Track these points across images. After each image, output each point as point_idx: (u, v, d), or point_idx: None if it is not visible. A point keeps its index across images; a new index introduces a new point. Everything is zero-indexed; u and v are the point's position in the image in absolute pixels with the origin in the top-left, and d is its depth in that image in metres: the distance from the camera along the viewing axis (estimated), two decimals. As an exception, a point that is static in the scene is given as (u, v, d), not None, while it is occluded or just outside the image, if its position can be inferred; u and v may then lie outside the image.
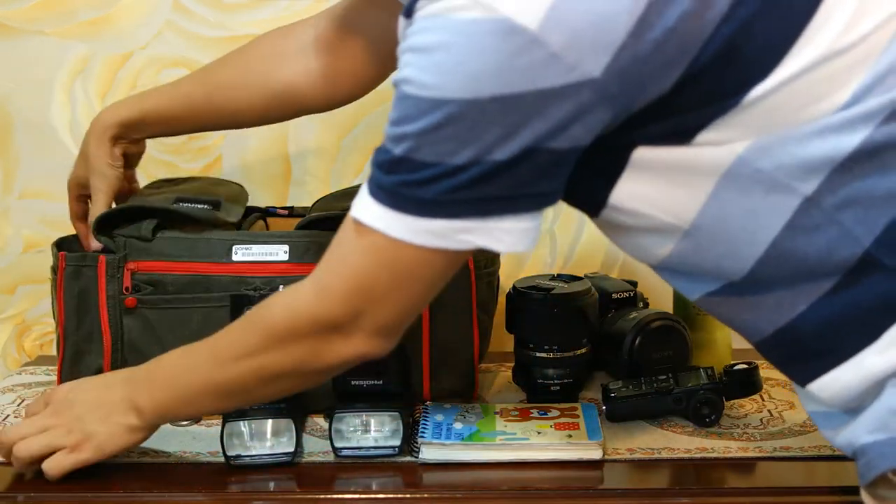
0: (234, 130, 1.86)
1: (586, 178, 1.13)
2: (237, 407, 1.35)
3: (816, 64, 1.07)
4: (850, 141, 1.07)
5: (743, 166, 1.09)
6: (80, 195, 1.61)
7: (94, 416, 1.34)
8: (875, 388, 1.12)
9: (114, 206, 1.60)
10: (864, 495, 1.17)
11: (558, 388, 1.56)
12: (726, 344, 1.67)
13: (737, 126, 1.08)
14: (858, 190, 1.08)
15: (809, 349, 1.16)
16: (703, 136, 1.09)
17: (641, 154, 1.11)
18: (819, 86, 1.07)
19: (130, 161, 1.62)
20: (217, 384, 1.28)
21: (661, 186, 1.12)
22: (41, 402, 1.39)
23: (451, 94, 1.04)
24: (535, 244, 1.13)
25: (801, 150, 1.08)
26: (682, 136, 1.09)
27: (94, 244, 1.55)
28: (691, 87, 1.06)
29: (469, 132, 1.05)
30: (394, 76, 1.10)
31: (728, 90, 1.07)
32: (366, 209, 1.12)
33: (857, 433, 1.14)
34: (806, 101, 1.07)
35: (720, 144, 1.09)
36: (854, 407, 1.15)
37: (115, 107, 1.60)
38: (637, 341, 1.57)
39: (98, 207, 1.56)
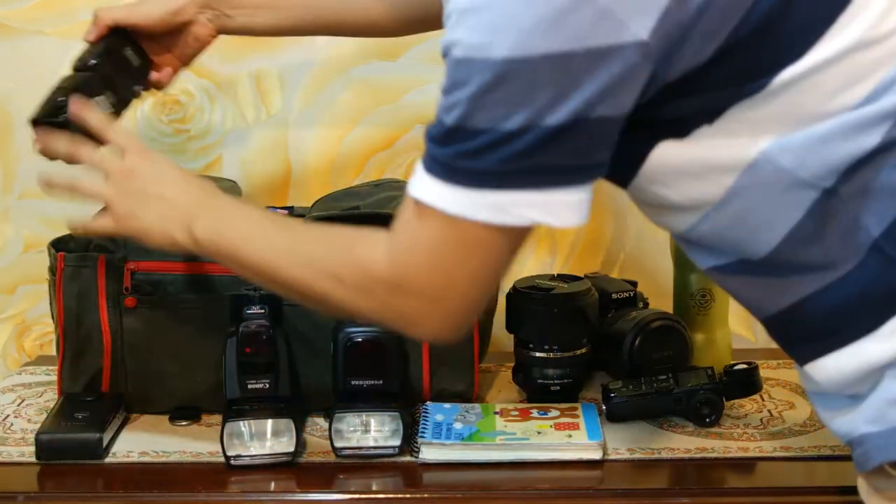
0: (234, 130, 1.86)
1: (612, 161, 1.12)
2: (282, 294, 1.30)
3: (847, 52, 1.06)
4: (870, 140, 1.07)
5: (766, 163, 1.09)
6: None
7: (153, 203, 1.27)
8: (873, 377, 1.12)
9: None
10: (860, 482, 1.17)
11: (558, 388, 1.55)
12: (726, 344, 1.67)
13: (761, 111, 1.08)
14: (872, 181, 1.08)
15: (812, 331, 1.16)
16: (728, 118, 1.08)
17: (663, 149, 1.11)
18: (845, 76, 1.07)
19: (186, 47, 1.51)
20: (279, 273, 1.20)
21: (681, 179, 1.13)
22: (121, 142, 1.33)
23: (501, 52, 1.03)
24: (587, 219, 1.11)
25: (824, 149, 1.08)
26: (709, 115, 1.08)
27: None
28: (726, 61, 1.06)
29: (521, 94, 1.03)
30: (442, 41, 1.08)
31: (761, 68, 1.06)
32: (423, 186, 1.10)
33: (856, 422, 1.15)
34: (831, 91, 1.07)
35: (744, 135, 1.08)
36: (852, 393, 1.15)
37: None
38: (637, 341, 1.57)
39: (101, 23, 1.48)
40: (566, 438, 1.42)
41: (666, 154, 1.11)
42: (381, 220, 1.55)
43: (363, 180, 1.82)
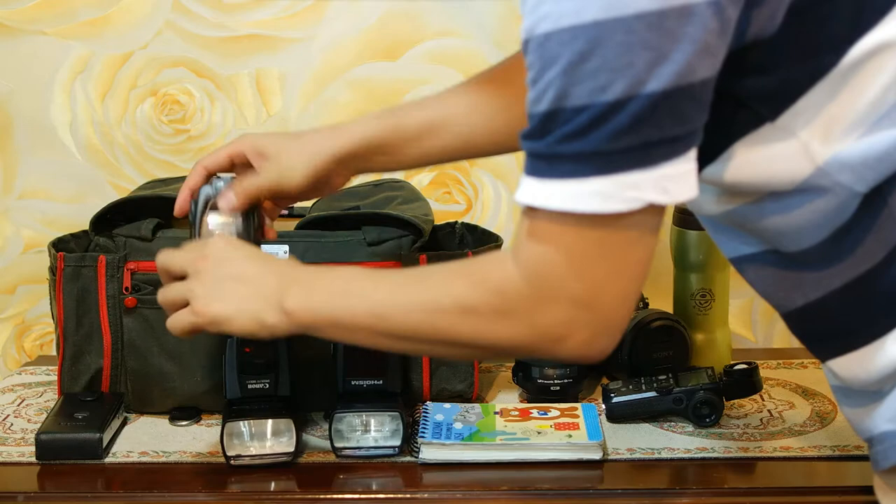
0: (234, 130, 1.86)
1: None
2: (396, 350, 1.20)
3: None
4: None
5: (823, 177, 1.07)
6: (210, 177, 1.39)
7: (236, 291, 1.20)
8: (893, 377, 1.12)
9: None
10: (876, 480, 1.17)
11: (558, 388, 1.55)
12: (726, 344, 1.67)
13: (825, 105, 1.05)
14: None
15: (835, 327, 1.15)
16: (791, 115, 1.05)
17: (731, 153, 1.07)
18: None
19: (317, 192, 1.41)
20: (395, 325, 1.12)
21: (737, 179, 1.10)
22: (199, 246, 1.27)
23: (591, 15, 0.96)
24: (698, 190, 1.03)
25: (880, 164, 1.06)
26: (776, 103, 1.05)
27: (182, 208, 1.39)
28: (796, 29, 1.02)
29: (617, 58, 0.97)
30: (522, 30, 1.01)
31: (830, 40, 1.03)
32: (528, 191, 1.02)
33: (876, 420, 1.14)
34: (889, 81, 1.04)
35: (801, 140, 1.06)
36: (874, 389, 1.15)
37: (357, 125, 1.39)
38: (637, 341, 1.57)
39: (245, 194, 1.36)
40: (566, 438, 1.42)
41: (729, 159, 1.08)
42: (382, 219, 1.56)
43: (363, 180, 1.82)
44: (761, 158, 1.08)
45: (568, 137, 0.99)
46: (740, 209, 1.14)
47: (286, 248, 1.55)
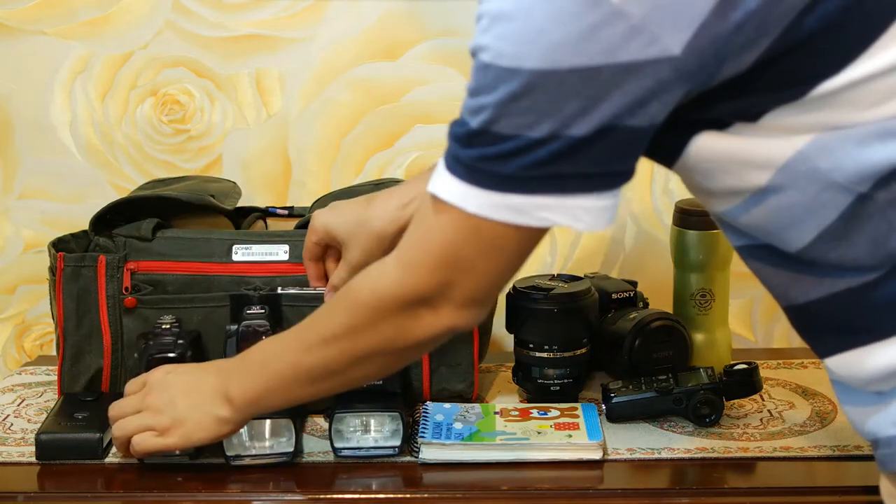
0: (234, 130, 1.86)
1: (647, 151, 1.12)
2: (330, 392, 1.31)
3: (886, 71, 1.05)
4: None
5: (802, 162, 1.08)
6: (324, 243, 1.43)
7: (185, 402, 1.34)
8: (894, 378, 1.12)
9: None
10: (883, 483, 1.17)
11: (558, 388, 1.55)
12: (726, 344, 1.67)
13: (802, 114, 1.07)
14: None
15: (836, 325, 1.15)
16: (768, 119, 1.07)
17: (702, 142, 1.10)
18: (884, 91, 1.06)
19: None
20: (306, 369, 1.25)
21: (717, 171, 1.12)
22: (140, 381, 1.39)
23: (529, 63, 1.02)
24: (612, 222, 1.11)
25: (861, 153, 1.07)
26: (749, 117, 1.08)
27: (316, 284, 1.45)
28: (765, 71, 1.05)
29: (548, 104, 1.03)
30: (471, 43, 1.08)
31: (800, 79, 1.06)
32: (443, 184, 1.10)
33: (882, 423, 1.14)
34: (869, 104, 1.06)
35: (781, 134, 1.08)
36: (876, 389, 1.14)
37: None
38: (637, 341, 1.57)
39: (339, 276, 1.41)
40: (566, 438, 1.42)
41: (704, 146, 1.11)
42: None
43: (363, 180, 1.82)
44: (740, 146, 1.10)
45: (489, 159, 1.07)
46: (726, 213, 1.16)
47: (286, 247, 1.55)
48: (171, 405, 1.34)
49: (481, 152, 1.07)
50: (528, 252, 1.14)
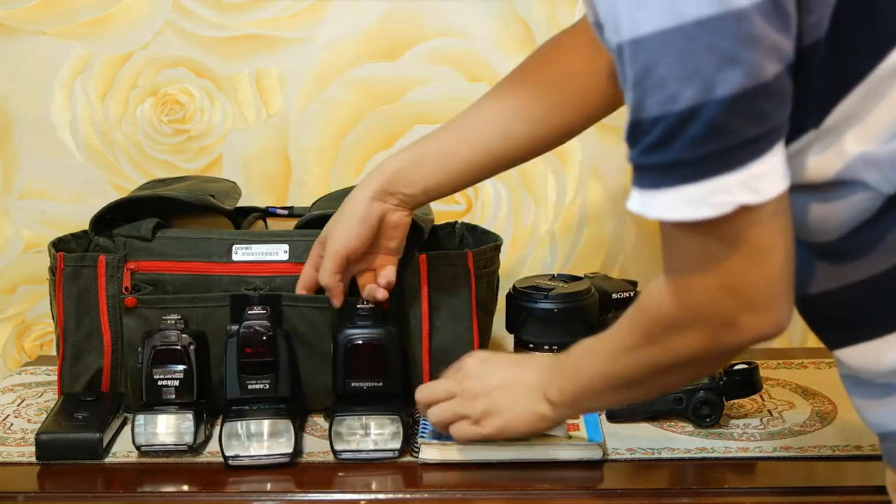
0: (234, 130, 1.86)
1: None
2: (647, 397, 1.36)
3: None
4: None
5: (850, 174, 1.07)
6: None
7: (505, 394, 1.35)
8: None
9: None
10: (889, 473, 1.17)
11: (558, 388, 1.55)
12: (726, 344, 1.66)
13: (861, 109, 1.05)
14: None
15: (848, 317, 1.15)
16: (832, 116, 1.05)
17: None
18: None
19: (387, 231, 1.48)
20: (613, 377, 1.24)
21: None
22: (454, 367, 1.41)
23: (651, 27, 0.98)
24: (789, 180, 1.04)
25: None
26: (819, 110, 1.06)
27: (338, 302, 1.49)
28: (840, 34, 1.03)
29: (682, 66, 0.98)
30: (609, 40, 1.04)
31: (872, 40, 1.04)
32: (632, 199, 1.06)
33: (891, 417, 1.14)
34: None
35: (834, 143, 1.06)
36: (885, 382, 1.14)
37: (382, 164, 1.47)
38: (637, 341, 1.57)
39: (325, 268, 1.47)
40: (566, 438, 1.42)
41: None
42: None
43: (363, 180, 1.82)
44: (796, 158, 1.08)
45: (650, 149, 1.02)
46: None
47: (286, 247, 1.55)
48: (487, 396, 1.36)
49: (642, 145, 1.02)
50: (752, 249, 1.06)
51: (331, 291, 1.47)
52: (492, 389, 1.36)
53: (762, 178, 1.02)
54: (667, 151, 1.01)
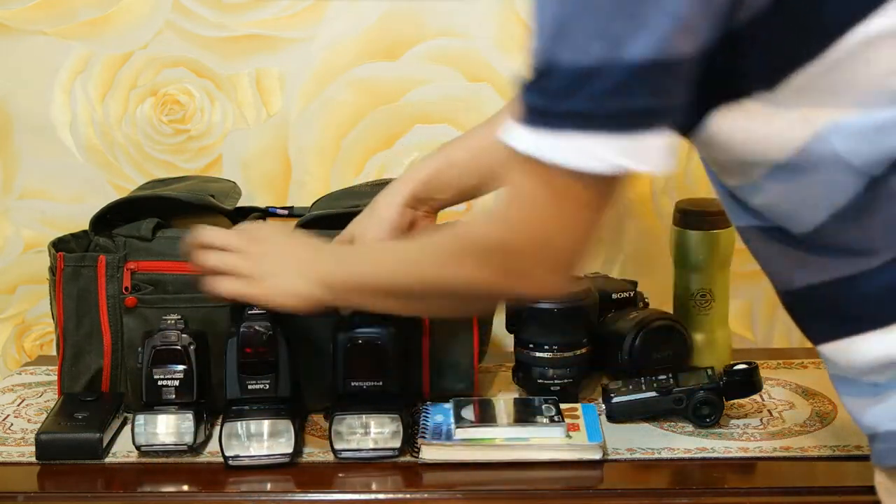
0: (234, 130, 1.86)
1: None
2: (403, 312, 1.34)
3: None
4: None
5: (818, 144, 1.08)
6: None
7: (279, 262, 1.37)
8: (892, 368, 1.12)
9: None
10: (879, 478, 1.17)
11: (558, 388, 1.55)
12: (726, 344, 1.67)
13: (820, 82, 1.06)
14: None
15: (833, 312, 1.15)
16: (786, 87, 1.06)
17: (722, 116, 1.10)
18: None
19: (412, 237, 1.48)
20: (390, 281, 1.27)
21: (733, 149, 1.12)
22: (244, 225, 1.45)
23: None
24: (675, 166, 1.08)
25: (878, 138, 1.06)
26: (769, 78, 1.07)
27: None
28: (788, 10, 1.04)
29: (597, 23, 1.01)
30: None
31: (823, 26, 1.05)
32: (517, 136, 1.08)
33: (880, 417, 1.14)
34: (890, 69, 1.05)
35: (797, 109, 1.07)
36: (871, 381, 1.14)
37: (412, 170, 1.50)
38: (637, 341, 1.57)
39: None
40: (566, 438, 1.42)
41: (725, 119, 1.10)
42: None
43: (363, 180, 1.82)
44: (758, 125, 1.09)
45: (552, 94, 1.05)
46: (740, 189, 1.15)
47: (286, 248, 1.55)
48: (263, 259, 1.38)
49: (549, 90, 1.05)
50: (601, 210, 1.10)
51: None
52: (270, 256, 1.38)
53: (650, 151, 1.05)
54: (567, 100, 1.04)
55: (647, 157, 1.05)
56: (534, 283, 1.15)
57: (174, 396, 1.44)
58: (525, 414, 1.46)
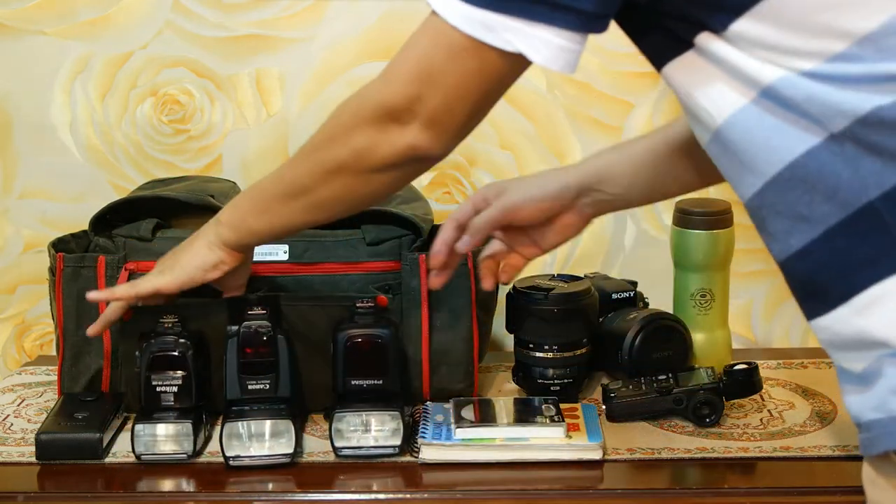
0: (234, 130, 1.86)
1: (644, 45, 1.16)
2: (304, 218, 1.32)
3: None
4: (873, 101, 1.06)
5: (773, 91, 1.09)
6: (461, 228, 1.44)
7: (183, 249, 1.41)
8: (867, 353, 1.11)
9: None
10: (865, 469, 1.17)
11: (558, 388, 1.55)
12: (726, 344, 1.67)
13: (767, 19, 1.07)
14: (880, 143, 1.07)
15: (808, 287, 1.15)
16: (736, 26, 1.08)
17: (676, 65, 1.13)
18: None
19: (556, 226, 1.44)
20: (285, 183, 1.29)
21: (692, 91, 1.14)
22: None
23: None
24: (571, 70, 1.12)
25: (828, 91, 1.07)
26: (721, 17, 1.09)
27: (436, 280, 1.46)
28: None
29: None
30: None
31: None
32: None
33: (863, 407, 1.14)
34: (840, 7, 1.06)
35: (749, 54, 1.08)
36: (852, 367, 1.14)
37: (588, 158, 1.45)
38: (637, 341, 1.57)
39: (488, 215, 1.42)
40: (566, 438, 1.42)
41: (679, 67, 1.13)
42: (381, 218, 1.56)
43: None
44: (701, 79, 1.12)
45: None
46: (703, 141, 1.17)
47: (286, 247, 1.55)
48: (172, 256, 1.43)
49: None
50: (493, 83, 1.15)
51: (458, 242, 1.43)
52: (177, 252, 1.42)
53: (549, 46, 1.10)
54: None
55: (541, 49, 1.10)
56: (410, 137, 1.17)
57: (173, 402, 1.43)
58: (525, 414, 1.46)
